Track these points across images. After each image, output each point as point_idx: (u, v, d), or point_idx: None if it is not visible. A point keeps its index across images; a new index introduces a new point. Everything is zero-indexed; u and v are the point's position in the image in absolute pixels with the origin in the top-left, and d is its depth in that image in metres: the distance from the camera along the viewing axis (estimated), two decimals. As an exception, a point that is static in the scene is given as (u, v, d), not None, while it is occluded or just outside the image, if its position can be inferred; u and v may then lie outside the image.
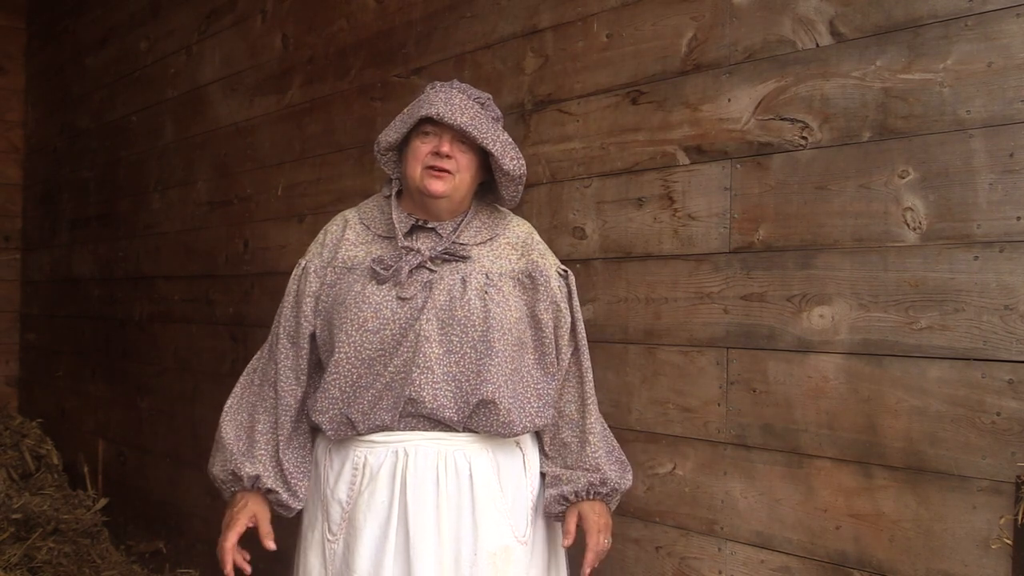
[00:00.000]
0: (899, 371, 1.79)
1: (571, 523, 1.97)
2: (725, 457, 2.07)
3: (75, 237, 5.00)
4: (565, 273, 2.04)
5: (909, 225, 1.78)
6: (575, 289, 2.04)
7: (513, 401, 1.89)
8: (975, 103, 1.70)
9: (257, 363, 2.08)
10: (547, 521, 2.04)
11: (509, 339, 1.90)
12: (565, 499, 1.98)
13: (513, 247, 2.00)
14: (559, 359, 2.00)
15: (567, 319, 2.00)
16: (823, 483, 1.90)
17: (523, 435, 1.98)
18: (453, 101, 1.91)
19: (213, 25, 3.82)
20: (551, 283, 1.98)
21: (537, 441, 2.05)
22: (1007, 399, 1.65)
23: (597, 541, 1.95)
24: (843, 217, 1.87)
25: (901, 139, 1.79)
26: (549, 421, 1.98)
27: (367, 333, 1.89)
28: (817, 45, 1.92)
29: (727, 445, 2.06)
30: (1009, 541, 1.63)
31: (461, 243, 1.96)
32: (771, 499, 1.98)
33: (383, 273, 1.91)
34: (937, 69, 1.75)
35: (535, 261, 1.99)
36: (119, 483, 4.50)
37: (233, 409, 2.05)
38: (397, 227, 1.96)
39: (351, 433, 1.92)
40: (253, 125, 3.56)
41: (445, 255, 1.94)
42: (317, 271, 2.01)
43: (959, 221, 1.71)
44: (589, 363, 2.03)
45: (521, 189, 2.01)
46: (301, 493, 1.99)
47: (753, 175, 2.02)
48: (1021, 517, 1.61)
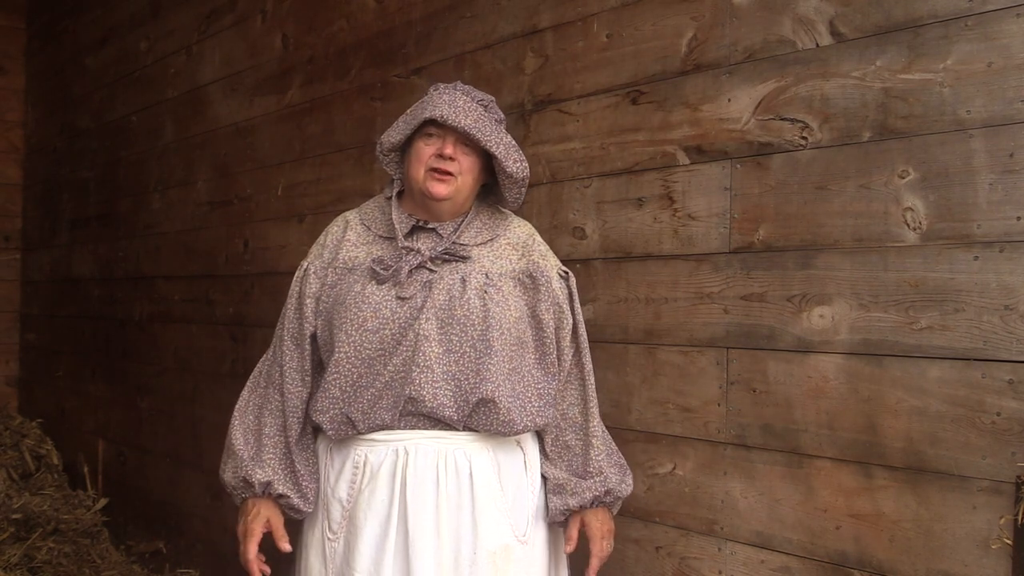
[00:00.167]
0: (899, 371, 1.79)
1: (573, 529, 1.99)
2: (725, 457, 2.07)
3: (75, 237, 4.99)
4: (566, 275, 2.04)
5: (909, 225, 1.78)
6: (576, 291, 2.04)
7: (513, 400, 1.89)
8: (975, 103, 1.70)
9: (263, 366, 2.09)
10: (548, 520, 2.04)
11: (509, 338, 1.90)
12: (570, 510, 1.99)
13: (514, 248, 2.00)
14: (561, 360, 2.00)
15: (569, 320, 2.00)
16: (823, 483, 1.90)
17: (524, 434, 1.98)
18: (457, 103, 1.91)
19: (213, 25, 3.82)
20: (552, 284, 1.98)
21: (538, 441, 2.05)
22: (1007, 399, 1.65)
23: (601, 547, 1.98)
24: (843, 217, 1.87)
25: (901, 139, 1.79)
26: (550, 420, 1.98)
27: (367, 333, 1.89)
28: (817, 45, 1.92)
29: (727, 445, 2.06)
30: (1009, 541, 1.63)
31: (461, 243, 1.96)
32: (771, 499, 1.98)
33: (383, 273, 1.91)
34: (937, 69, 1.75)
35: (536, 262, 1.99)
36: (119, 483, 4.50)
37: (241, 413, 2.06)
38: (397, 227, 1.96)
39: (351, 432, 1.92)
40: (253, 125, 3.56)
41: (445, 255, 1.94)
42: (317, 272, 2.01)
43: (959, 221, 1.71)
44: (591, 366, 2.03)
45: (524, 191, 2.01)
46: (311, 495, 2.00)
47: (753, 175, 2.02)
48: (1021, 517, 1.61)
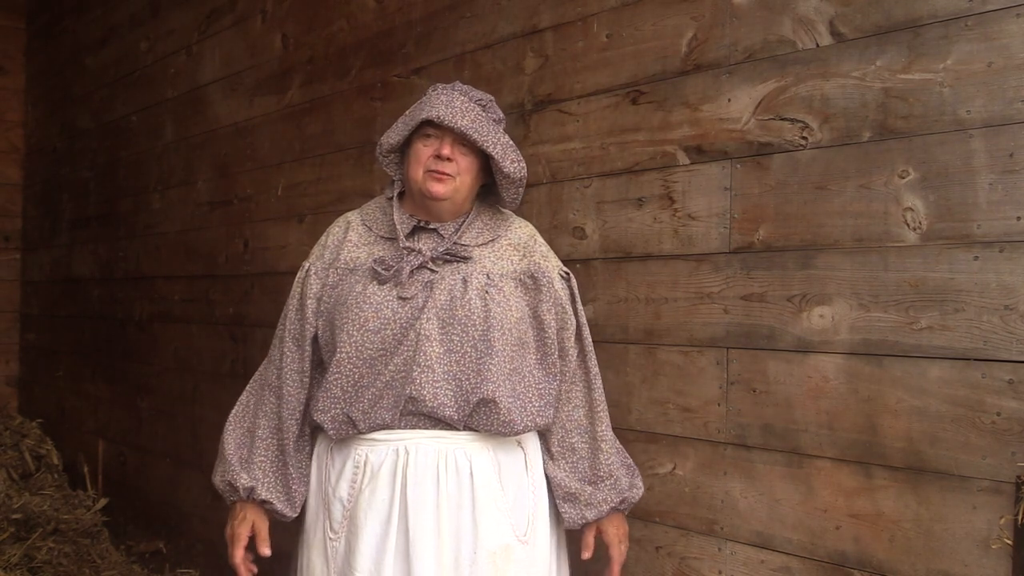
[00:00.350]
0: (899, 371, 1.78)
1: (590, 536, 2.04)
2: (725, 457, 2.07)
3: (75, 237, 4.99)
4: (567, 275, 2.04)
5: (909, 225, 1.78)
6: (577, 292, 2.04)
7: (513, 400, 1.89)
8: (975, 103, 1.70)
9: (262, 368, 2.10)
10: (548, 520, 2.04)
11: (509, 339, 1.90)
12: (588, 521, 2.03)
13: (515, 248, 2.01)
14: (565, 361, 2.00)
15: (572, 322, 2.00)
16: (823, 483, 1.90)
17: (525, 434, 1.98)
18: (454, 104, 1.91)
19: (213, 25, 3.82)
20: (554, 284, 1.98)
21: (541, 441, 2.05)
22: (1007, 399, 1.65)
23: (620, 552, 2.04)
24: (843, 217, 1.87)
25: (901, 139, 1.79)
26: (551, 421, 1.98)
27: (368, 333, 1.89)
28: (817, 45, 1.92)
29: (727, 445, 2.06)
30: (1009, 541, 1.63)
31: (463, 244, 1.96)
32: (771, 499, 1.98)
33: (384, 273, 1.91)
34: (937, 69, 1.75)
35: (537, 262, 1.99)
36: (119, 483, 4.50)
37: (237, 416, 2.07)
38: (398, 228, 1.97)
39: (352, 432, 1.92)
40: (253, 125, 3.56)
41: (446, 256, 1.94)
42: (318, 273, 2.02)
43: (959, 221, 1.71)
44: (597, 368, 2.04)
45: (522, 191, 2.01)
46: (298, 500, 2.01)
47: (753, 175, 2.02)
48: (1021, 517, 1.61)
